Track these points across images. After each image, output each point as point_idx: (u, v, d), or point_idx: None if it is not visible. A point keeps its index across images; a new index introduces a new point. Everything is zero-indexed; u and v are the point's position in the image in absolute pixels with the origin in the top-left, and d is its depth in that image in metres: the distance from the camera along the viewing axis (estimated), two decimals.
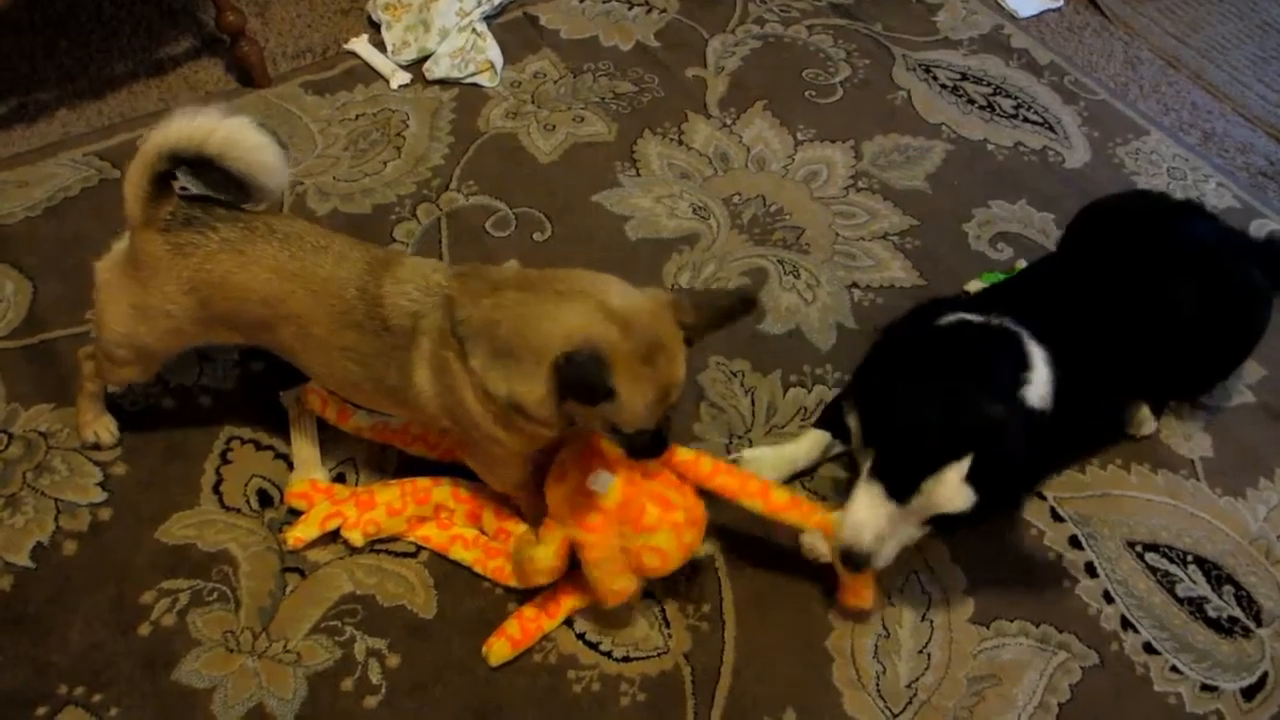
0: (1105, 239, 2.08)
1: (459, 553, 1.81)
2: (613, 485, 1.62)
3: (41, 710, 1.62)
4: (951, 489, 1.54)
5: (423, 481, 1.85)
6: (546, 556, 1.64)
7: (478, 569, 1.80)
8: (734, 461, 1.95)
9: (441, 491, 1.85)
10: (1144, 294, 1.91)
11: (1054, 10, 3.31)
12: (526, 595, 1.77)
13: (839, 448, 2.03)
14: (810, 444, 2.00)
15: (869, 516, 1.62)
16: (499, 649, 1.70)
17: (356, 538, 1.80)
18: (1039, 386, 1.65)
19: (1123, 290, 1.91)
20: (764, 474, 1.94)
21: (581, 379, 1.41)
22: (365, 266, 1.63)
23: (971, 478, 1.53)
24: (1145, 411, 2.15)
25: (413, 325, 1.58)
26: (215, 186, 1.65)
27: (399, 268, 1.63)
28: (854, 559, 1.63)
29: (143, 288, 1.68)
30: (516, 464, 1.74)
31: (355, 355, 1.64)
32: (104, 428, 1.92)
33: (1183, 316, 1.92)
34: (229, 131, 1.54)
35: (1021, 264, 2.45)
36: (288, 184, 1.79)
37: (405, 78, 2.75)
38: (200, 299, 1.67)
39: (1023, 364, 1.66)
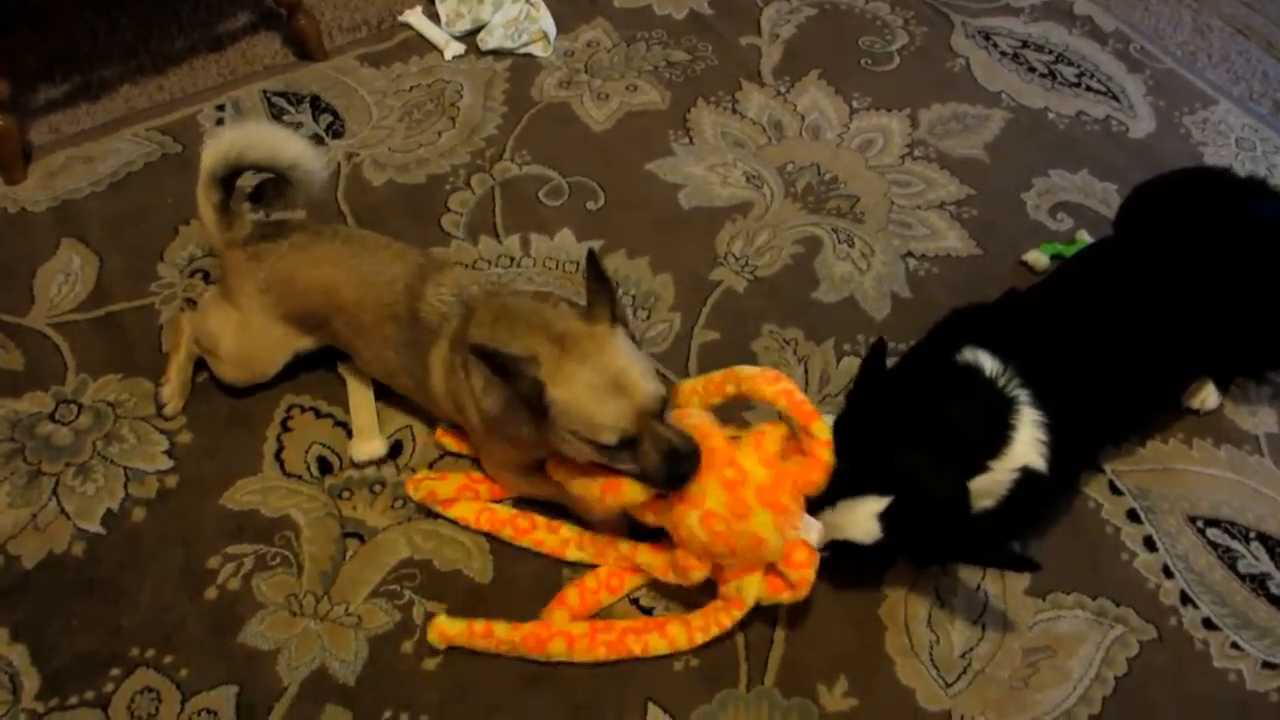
0: (1168, 217, 2.05)
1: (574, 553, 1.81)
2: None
3: (115, 671, 1.68)
4: (861, 519, 1.60)
5: (502, 511, 1.85)
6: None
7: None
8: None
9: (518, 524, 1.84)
10: (1209, 272, 1.88)
11: None
12: (583, 565, 1.79)
13: None
14: None
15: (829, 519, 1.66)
16: (558, 618, 1.72)
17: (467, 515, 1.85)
18: (1017, 457, 1.65)
19: (1187, 268, 1.88)
20: None
21: (493, 356, 1.48)
22: (417, 268, 1.80)
23: (884, 515, 1.59)
24: (1210, 387, 2.11)
25: (438, 326, 1.74)
26: (272, 201, 1.92)
27: (447, 273, 1.80)
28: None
29: (234, 298, 1.90)
30: (512, 465, 1.82)
31: (394, 344, 1.80)
32: (179, 394, 1.98)
33: (1247, 294, 1.89)
34: (237, 137, 1.81)
35: (1083, 234, 2.41)
36: (319, 158, 1.85)
37: (459, 49, 2.76)
38: (275, 296, 1.87)
39: (1001, 440, 1.65)
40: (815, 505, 1.64)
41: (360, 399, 1.98)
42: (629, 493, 1.61)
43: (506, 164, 2.49)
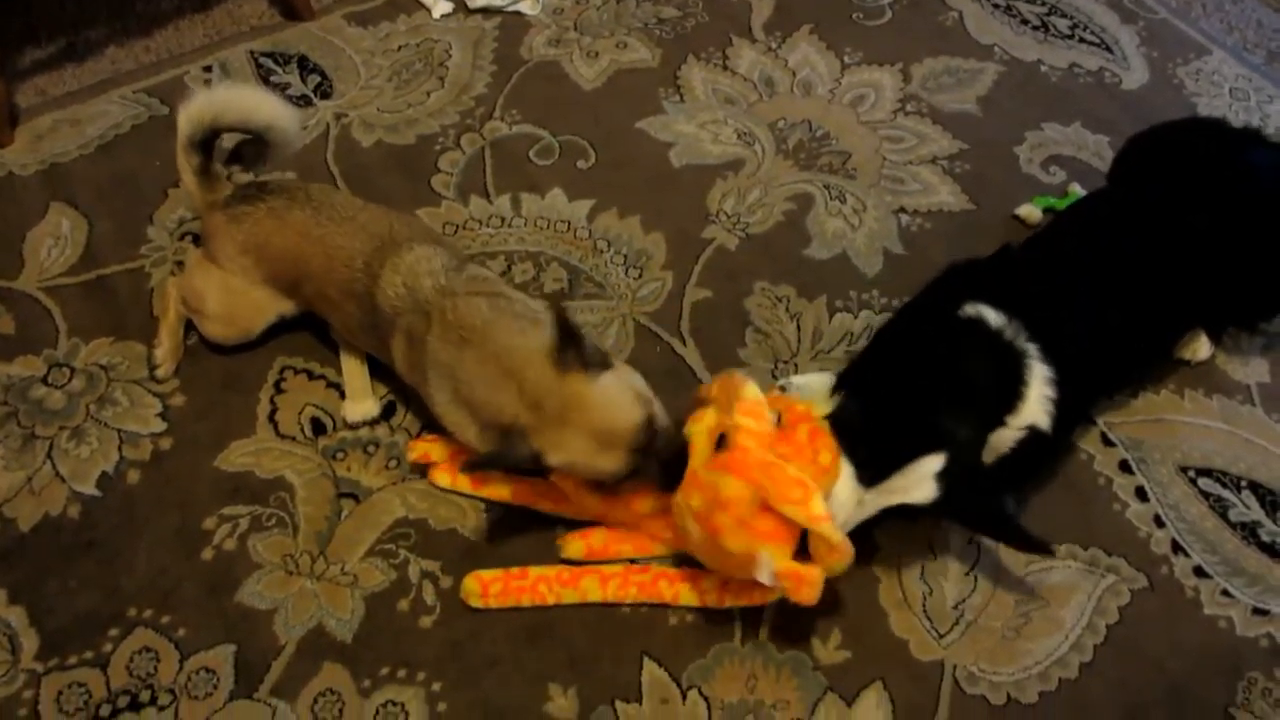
0: (1161, 168, 2.04)
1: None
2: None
3: (114, 631, 1.69)
4: (922, 482, 1.57)
5: (537, 483, 1.83)
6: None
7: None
8: (782, 389, 1.95)
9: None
10: (1203, 222, 1.87)
11: None
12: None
13: None
14: None
15: (841, 496, 1.62)
16: (575, 547, 1.75)
17: (443, 479, 1.85)
18: (1027, 415, 1.65)
19: (1181, 219, 1.88)
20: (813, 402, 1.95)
21: (507, 458, 1.58)
22: (376, 246, 1.78)
23: (940, 475, 1.57)
24: (1202, 338, 2.11)
25: (392, 317, 1.73)
26: (253, 162, 1.97)
27: (403, 254, 1.76)
28: None
29: (216, 258, 1.91)
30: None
31: (357, 321, 1.82)
32: (171, 357, 1.98)
33: (1241, 245, 1.89)
34: (211, 100, 1.83)
35: (1075, 187, 2.40)
36: (295, 119, 1.88)
37: (447, 7, 2.73)
38: (253, 259, 1.88)
39: (1013, 392, 1.65)
40: (870, 474, 1.60)
41: (353, 361, 1.98)
42: (639, 507, 1.72)
43: (496, 123, 2.47)
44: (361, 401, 1.93)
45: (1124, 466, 1.97)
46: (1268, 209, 1.92)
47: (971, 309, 1.70)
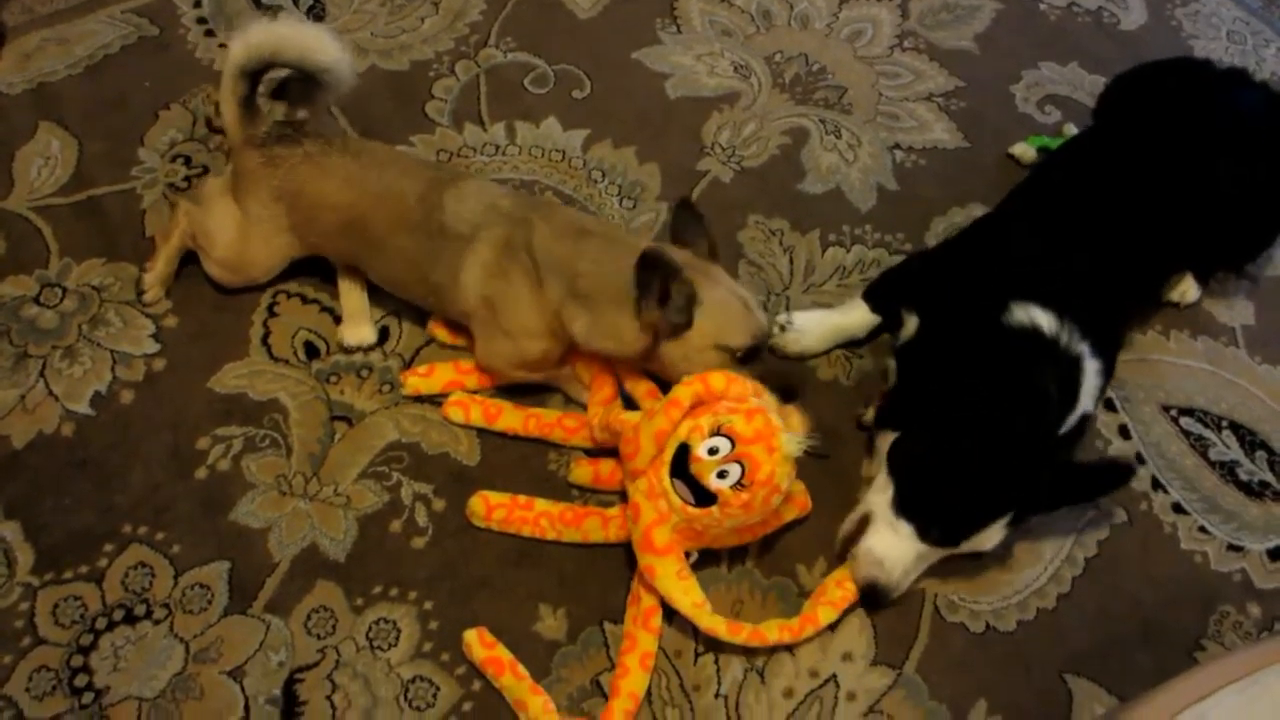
0: (1146, 108, 2.04)
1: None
2: None
3: (108, 548, 1.70)
4: (995, 536, 1.59)
5: (549, 415, 1.86)
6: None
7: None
8: (782, 327, 1.96)
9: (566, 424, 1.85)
10: (1187, 164, 1.88)
11: None
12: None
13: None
14: (860, 321, 1.99)
15: (898, 553, 1.64)
16: (582, 472, 1.79)
17: (456, 414, 1.86)
18: (1080, 408, 1.66)
19: (1166, 161, 1.88)
20: (811, 341, 1.97)
21: (658, 263, 1.59)
22: (428, 181, 1.83)
23: (1010, 523, 1.59)
24: (1189, 280, 2.13)
25: (471, 234, 1.77)
26: (299, 100, 1.94)
27: (463, 184, 1.83)
28: (878, 594, 1.65)
29: (242, 200, 1.89)
30: (517, 363, 1.84)
31: (406, 254, 1.82)
32: (160, 284, 1.97)
33: (1227, 186, 1.90)
34: (272, 33, 1.80)
35: (1069, 127, 2.40)
36: (352, 64, 1.89)
37: None
38: (286, 206, 1.87)
39: (1072, 399, 1.64)
40: (941, 536, 1.61)
41: (350, 285, 1.98)
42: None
43: (491, 50, 2.44)
44: (359, 326, 1.94)
45: (1108, 404, 2.00)
46: (1252, 148, 1.93)
47: (1022, 313, 1.65)
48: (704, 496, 1.55)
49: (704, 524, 1.58)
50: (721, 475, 1.54)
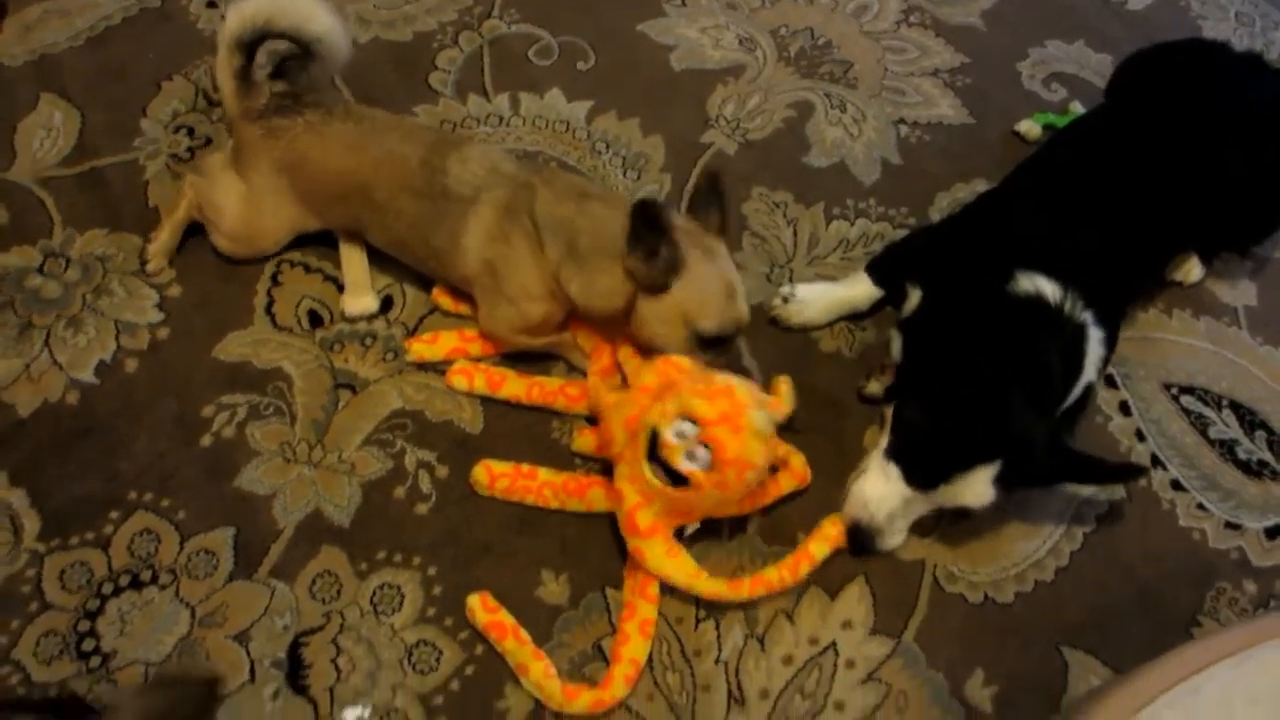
0: (1160, 88, 2.03)
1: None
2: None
3: (114, 514, 1.71)
4: (978, 488, 1.57)
5: (552, 383, 1.86)
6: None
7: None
8: (785, 299, 1.97)
9: (568, 393, 1.86)
10: (1197, 146, 1.88)
11: None
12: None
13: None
14: (863, 294, 1.99)
15: (883, 493, 1.65)
16: (585, 441, 1.80)
17: (460, 382, 1.86)
18: (1084, 378, 1.66)
19: (1176, 141, 1.88)
20: (814, 314, 1.98)
21: (652, 214, 1.58)
22: (430, 145, 1.83)
23: (998, 479, 1.57)
24: (1194, 260, 2.13)
25: (473, 196, 1.78)
26: (298, 78, 1.93)
27: (466, 148, 1.83)
28: (862, 534, 1.67)
29: (245, 172, 1.89)
30: (520, 329, 1.84)
31: (409, 218, 1.83)
32: (163, 254, 1.97)
33: (1235, 169, 1.90)
34: (265, 2, 1.80)
35: (1076, 105, 2.40)
36: (346, 34, 1.90)
37: None
38: (289, 176, 1.88)
39: (1077, 368, 1.65)
40: (923, 477, 1.62)
41: (352, 255, 1.98)
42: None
43: (495, 22, 2.44)
44: (361, 296, 1.94)
45: (1109, 381, 2.01)
46: (1263, 134, 1.92)
47: (1027, 282, 1.66)
48: (680, 478, 1.56)
49: (688, 504, 1.59)
50: (690, 457, 1.53)
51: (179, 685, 1.17)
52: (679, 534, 1.65)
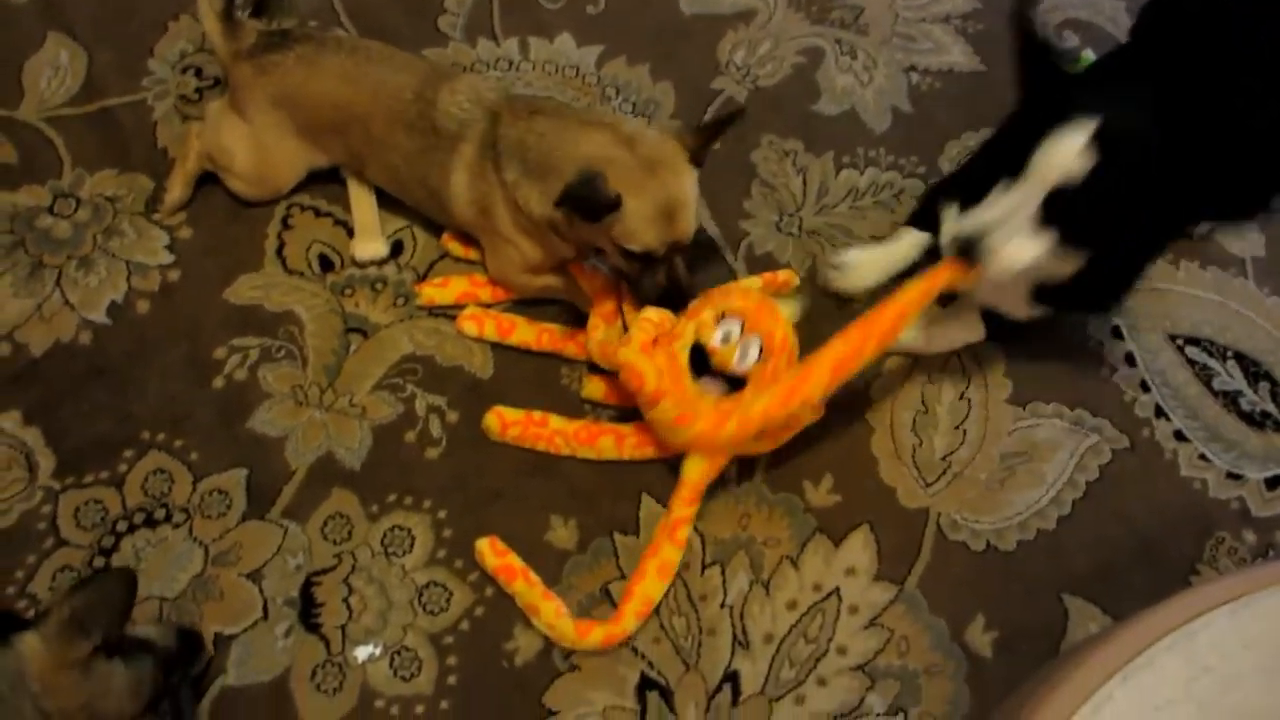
0: (1185, 33, 2.00)
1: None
2: None
3: (128, 454, 1.74)
4: (1068, 154, 1.46)
5: (562, 330, 1.87)
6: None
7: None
8: (837, 267, 1.93)
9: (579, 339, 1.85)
10: (1218, 94, 1.85)
11: None
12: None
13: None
14: (910, 245, 1.94)
15: (986, 208, 1.55)
16: (594, 387, 1.82)
17: (471, 328, 1.87)
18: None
19: (1197, 89, 1.85)
20: (867, 276, 1.94)
21: (587, 194, 1.55)
22: (424, 77, 1.81)
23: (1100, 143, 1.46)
24: None
25: (458, 132, 1.76)
26: (274, 14, 1.95)
27: (457, 81, 1.81)
28: (969, 243, 1.53)
29: (244, 112, 1.89)
30: (524, 268, 1.84)
31: (405, 154, 1.82)
32: (177, 205, 1.97)
33: (1258, 120, 1.87)
34: None
35: (1088, 53, 2.37)
36: None
37: None
38: (286, 111, 1.87)
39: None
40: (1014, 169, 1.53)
41: (361, 199, 1.98)
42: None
43: None
44: (371, 241, 1.94)
45: (1115, 332, 2.02)
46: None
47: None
48: (733, 384, 1.61)
49: (743, 414, 1.56)
50: (743, 356, 1.60)
51: (103, 578, 1.28)
52: None
